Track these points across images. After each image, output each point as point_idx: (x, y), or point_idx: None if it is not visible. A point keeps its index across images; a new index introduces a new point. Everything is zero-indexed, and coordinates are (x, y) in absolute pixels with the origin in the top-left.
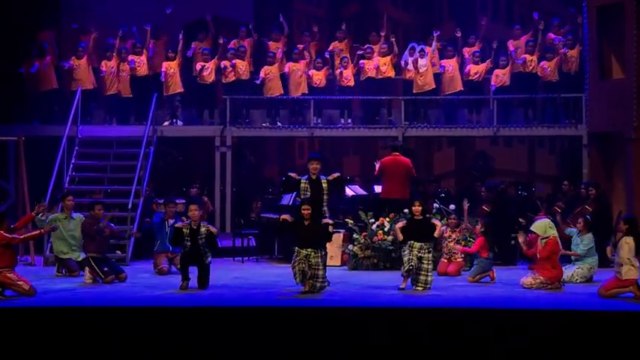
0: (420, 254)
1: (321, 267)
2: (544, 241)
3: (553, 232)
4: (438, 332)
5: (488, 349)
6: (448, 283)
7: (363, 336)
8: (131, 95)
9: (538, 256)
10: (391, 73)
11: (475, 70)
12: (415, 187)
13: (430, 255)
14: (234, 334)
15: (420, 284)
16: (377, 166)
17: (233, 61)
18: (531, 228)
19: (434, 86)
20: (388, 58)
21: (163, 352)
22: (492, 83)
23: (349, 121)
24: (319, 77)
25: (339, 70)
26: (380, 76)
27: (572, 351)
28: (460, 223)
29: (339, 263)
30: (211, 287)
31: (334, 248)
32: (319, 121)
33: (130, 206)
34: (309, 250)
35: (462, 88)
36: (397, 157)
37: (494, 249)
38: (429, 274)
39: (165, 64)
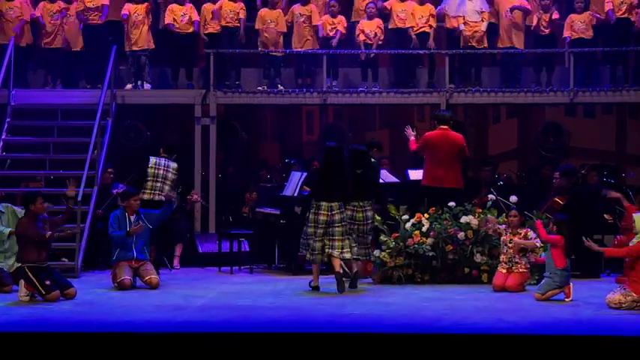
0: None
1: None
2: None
3: None
4: None
5: None
6: (507, 301)
7: None
8: (81, 48)
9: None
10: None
11: (544, 17)
12: (463, 172)
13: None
14: None
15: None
16: (411, 136)
17: (219, 4)
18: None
19: (486, 44)
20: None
21: None
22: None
23: (375, 84)
24: (334, 26)
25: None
26: (412, 26)
27: None
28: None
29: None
30: (190, 307)
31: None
32: (334, 83)
33: (80, 198)
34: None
35: (523, 47)
36: (446, 131)
37: (571, 256)
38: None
39: (128, 8)
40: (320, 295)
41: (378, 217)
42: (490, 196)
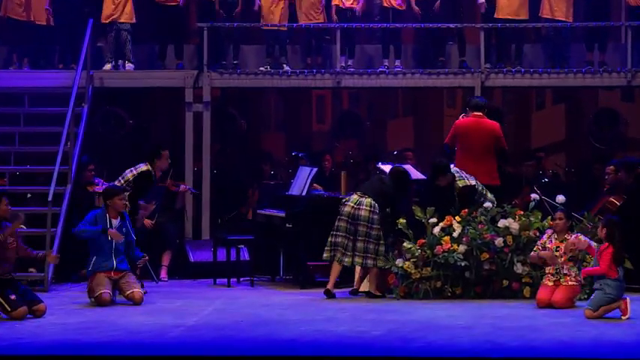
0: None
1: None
2: None
3: None
4: None
5: None
6: (553, 319)
7: None
8: (51, 22)
9: None
10: None
11: None
12: (501, 167)
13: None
14: None
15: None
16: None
17: None
18: None
19: (526, 16)
20: None
21: None
22: None
23: (397, 63)
24: None
25: None
26: None
27: None
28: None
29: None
30: (180, 327)
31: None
32: (350, 63)
33: (50, 198)
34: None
35: (571, 20)
36: (480, 118)
37: (623, 264)
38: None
39: None
40: (328, 311)
41: (402, 221)
42: (533, 196)
